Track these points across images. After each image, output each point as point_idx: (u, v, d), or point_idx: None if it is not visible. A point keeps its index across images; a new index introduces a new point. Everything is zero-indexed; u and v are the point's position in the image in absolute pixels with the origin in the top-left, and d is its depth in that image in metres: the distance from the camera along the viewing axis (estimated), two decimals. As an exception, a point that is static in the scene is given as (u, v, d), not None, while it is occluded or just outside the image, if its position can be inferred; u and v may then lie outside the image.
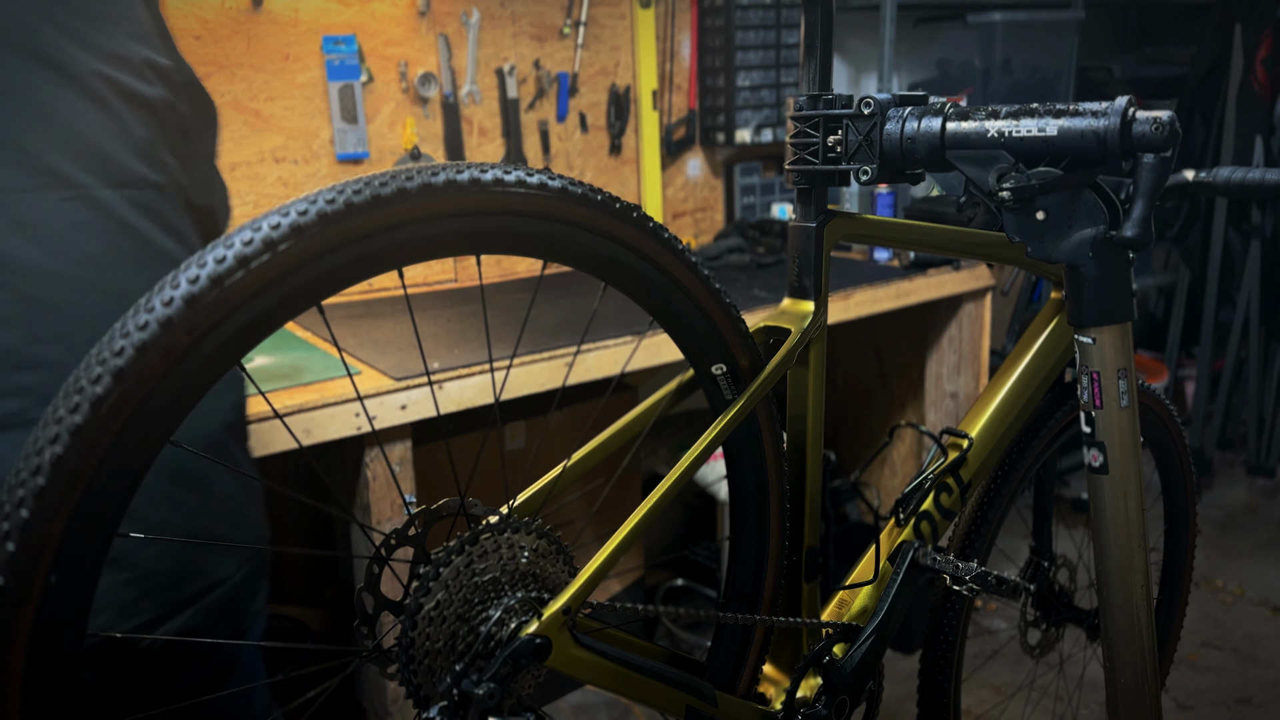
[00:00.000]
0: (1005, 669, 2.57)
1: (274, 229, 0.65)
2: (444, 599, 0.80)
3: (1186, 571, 1.69)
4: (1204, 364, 3.75)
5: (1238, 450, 3.83)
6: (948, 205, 2.63)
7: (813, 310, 1.04)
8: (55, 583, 0.59)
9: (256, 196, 2.25)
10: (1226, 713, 2.45)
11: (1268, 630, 2.79)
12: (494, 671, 0.80)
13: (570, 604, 0.84)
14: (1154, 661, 1.19)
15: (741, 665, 1.09)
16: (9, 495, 0.59)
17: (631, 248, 0.87)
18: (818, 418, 1.08)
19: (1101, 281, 1.04)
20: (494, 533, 0.83)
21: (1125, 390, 1.08)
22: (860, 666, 1.12)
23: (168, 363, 0.61)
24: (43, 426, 0.60)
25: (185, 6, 2.09)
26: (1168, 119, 0.91)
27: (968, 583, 1.16)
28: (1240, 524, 3.40)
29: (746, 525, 1.07)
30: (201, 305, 0.62)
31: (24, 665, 0.59)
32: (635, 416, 1.00)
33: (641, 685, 0.94)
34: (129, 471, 0.61)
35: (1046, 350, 1.30)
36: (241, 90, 2.19)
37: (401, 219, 0.71)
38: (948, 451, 1.24)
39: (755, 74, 2.89)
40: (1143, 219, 0.94)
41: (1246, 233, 3.61)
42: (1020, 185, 0.95)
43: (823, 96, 1.01)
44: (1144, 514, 1.14)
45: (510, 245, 0.80)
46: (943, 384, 2.74)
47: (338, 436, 1.68)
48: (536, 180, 0.78)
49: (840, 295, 2.30)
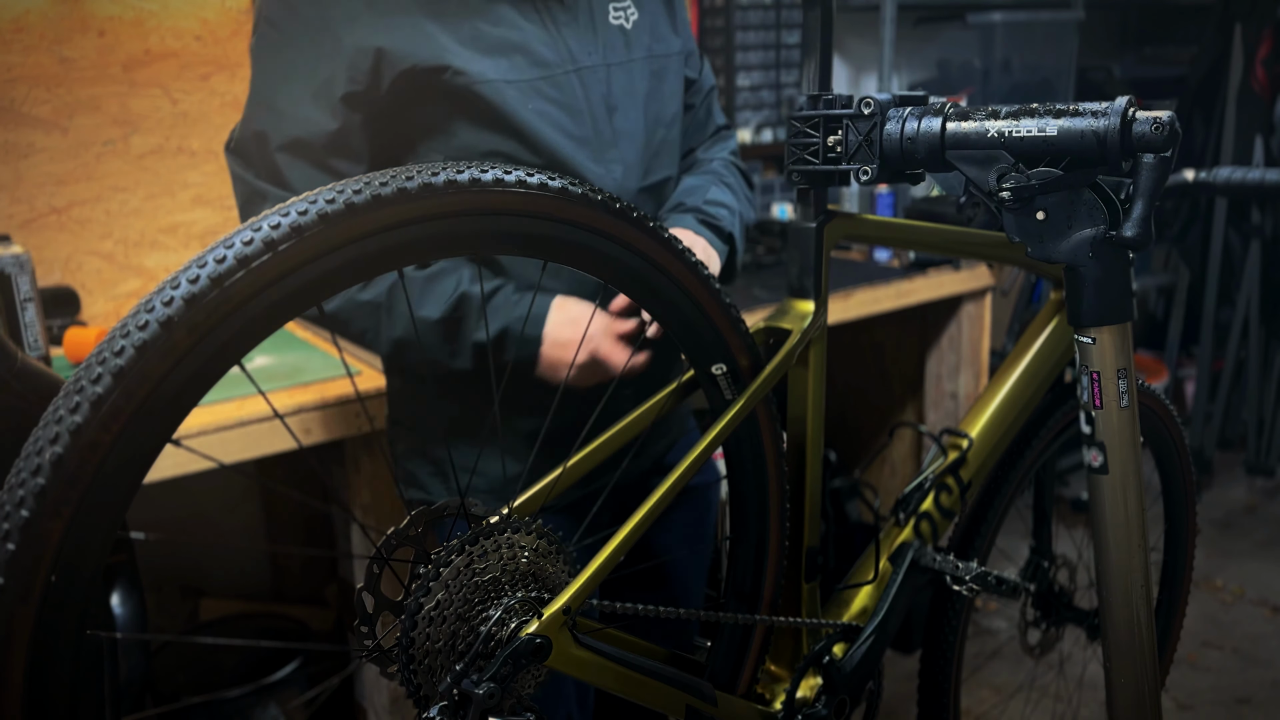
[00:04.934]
0: (1005, 669, 2.57)
1: (274, 229, 0.65)
2: (444, 599, 0.80)
3: (1186, 571, 1.69)
4: (1204, 364, 3.75)
5: (1238, 450, 3.83)
6: (948, 205, 2.63)
7: (813, 310, 1.04)
8: (55, 582, 0.59)
9: (256, 196, 2.25)
10: (1226, 713, 2.45)
11: (1268, 630, 2.79)
12: (494, 671, 0.80)
13: (570, 604, 0.84)
14: (1154, 661, 1.19)
15: (741, 665, 1.09)
16: (9, 495, 0.59)
17: (631, 248, 0.87)
18: (818, 418, 1.08)
19: (1101, 281, 1.03)
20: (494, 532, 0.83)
21: (1125, 390, 1.08)
22: (860, 666, 1.12)
23: (168, 362, 0.61)
24: (43, 426, 0.60)
25: (185, 6, 2.09)
26: (1168, 119, 0.91)
27: (967, 583, 1.16)
28: (1240, 524, 3.40)
29: (746, 525, 1.07)
30: (202, 305, 0.62)
31: (25, 665, 0.59)
32: (635, 417, 1.00)
33: (642, 685, 0.94)
34: (129, 471, 0.61)
35: (1046, 350, 1.30)
36: (242, 90, 2.19)
37: (401, 219, 0.71)
38: (948, 451, 1.24)
39: (755, 74, 2.89)
40: (1143, 219, 0.94)
41: (1246, 233, 3.60)
42: (1020, 185, 0.95)
43: (823, 96, 1.01)
44: (1144, 514, 1.14)
45: (510, 245, 0.80)
46: (943, 384, 2.74)
47: (338, 436, 1.68)
48: (536, 180, 0.78)
49: (840, 295, 2.30)
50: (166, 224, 2.15)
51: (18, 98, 1.96)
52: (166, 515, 2.18)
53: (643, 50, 1.26)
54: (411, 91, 1.13)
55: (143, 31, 2.06)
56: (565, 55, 1.18)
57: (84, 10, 1.99)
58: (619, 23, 1.25)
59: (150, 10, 2.06)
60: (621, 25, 1.25)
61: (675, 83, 1.32)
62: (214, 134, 2.17)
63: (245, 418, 1.60)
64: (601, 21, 1.23)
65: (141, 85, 2.07)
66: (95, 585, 0.62)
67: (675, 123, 1.32)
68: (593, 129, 1.19)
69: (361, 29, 1.10)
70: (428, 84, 1.12)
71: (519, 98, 1.14)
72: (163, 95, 2.10)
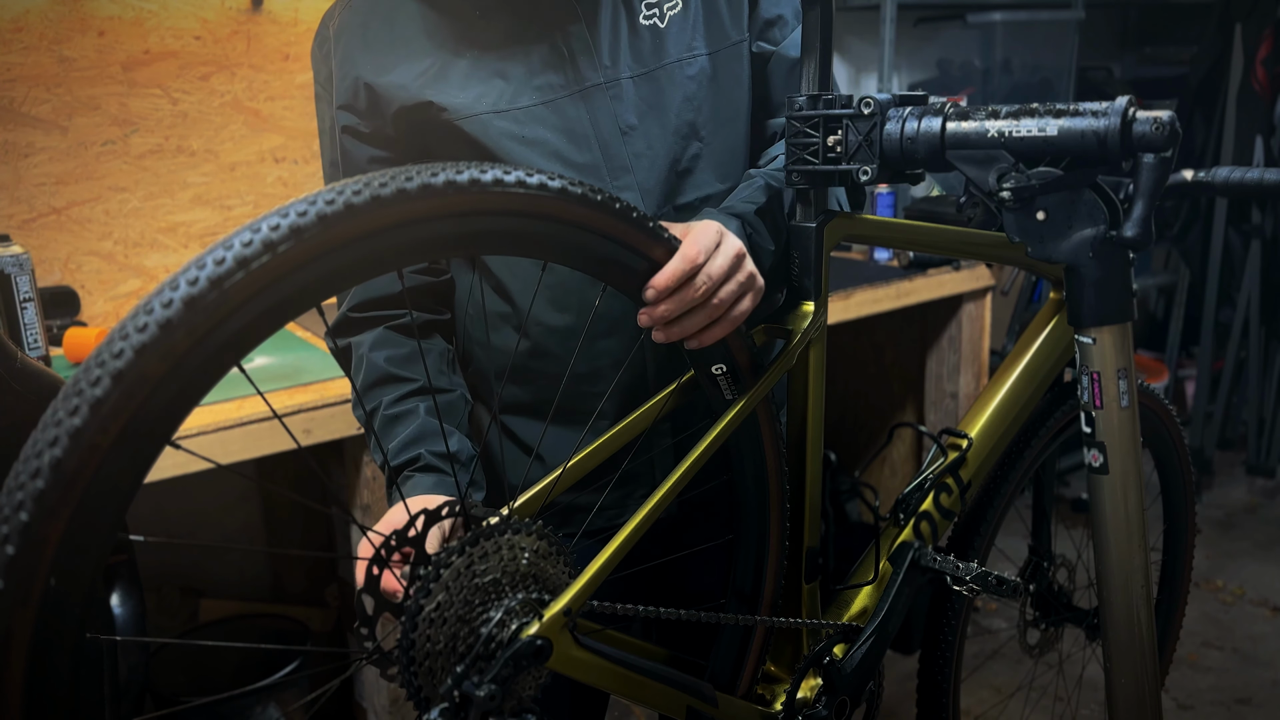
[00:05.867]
0: (1004, 669, 2.57)
1: (273, 230, 0.65)
2: (444, 600, 0.80)
3: (1186, 571, 1.69)
4: (1204, 364, 3.75)
5: (1238, 450, 3.83)
6: (948, 205, 2.63)
7: (813, 310, 1.04)
8: (55, 586, 0.59)
9: (256, 196, 2.25)
10: (1226, 713, 2.45)
11: (1268, 630, 2.79)
12: (495, 673, 0.80)
13: (571, 605, 0.84)
14: (1154, 661, 1.19)
15: (742, 666, 1.09)
16: (9, 498, 0.58)
17: (631, 248, 0.87)
18: (818, 418, 1.08)
19: (1101, 281, 1.04)
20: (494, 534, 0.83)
21: (1125, 390, 1.08)
22: (860, 667, 1.12)
23: (167, 365, 0.61)
24: (42, 429, 0.59)
25: (185, 6, 2.09)
26: (1168, 119, 0.91)
27: (967, 583, 1.16)
28: (1240, 524, 3.40)
29: (747, 526, 1.07)
30: (201, 307, 0.62)
31: (24, 667, 0.59)
32: (636, 417, 1.00)
33: (642, 686, 0.94)
34: (129, 474, 0.61)
35: (1046, 350, 1.30)
36: (241, 90, 2.19)
37: (401, 220, 0.71)
38: (947, 451, 1.24)
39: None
40: (1143, 219, 0.94)
41: (1246, 233, 3.60)
42: (1020, 185, 0.95)
43: (823, 97, 1.01)
44: (1144, 514, 1.14)
45: (510, 246, 0.80)
46: (943, 384, 2.74)
47: (338, 436, 1.68)
48: (536, 181, 0.78)
49: (840, 295, 2.30)
50: (166, 224, 2.15)
51: (18, 98, 1.95)
52: (166, 515, 2.18)
53: (681, 50, 1.12)
54: (417, 128, 1.10)
55: (142, 31, 2.05)
56: (570, 75, 1.09)
57: (84, 10, 1.99)
58: (651, 22, 1.12)
59: (150, 10, 2.06)
60: (654, 25, 1.12)
61: (732, 78, 1.16)
62: (213, 134, 2.17)
63: (245, 418, 1.60)
64: (628, 24, 1.11)
65: (141, 85, 2.07)
66: (95, 588, 0.62)
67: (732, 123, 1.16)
68: (601, 155, 1.09)
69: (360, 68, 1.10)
70: (424, 120, 1.09)
71: (511, 128, 1.08)
72: (162, 95, 2.10)
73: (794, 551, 1.10)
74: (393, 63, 1.09)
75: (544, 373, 1.15)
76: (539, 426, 1.18)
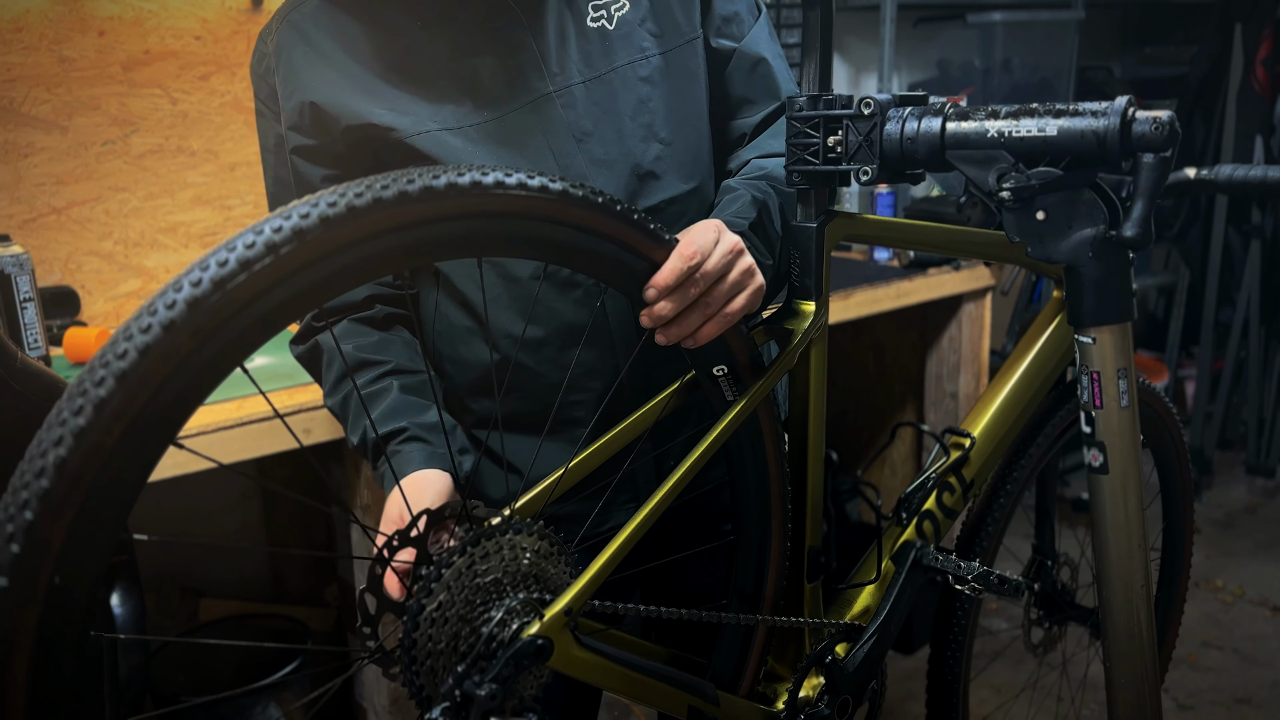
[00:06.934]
0: (1005, 669, 2.57)
1: (276, 232, 0.66)
2: (446, 600, 0.80)
3: (1184, 570, 1.69)
4: (1204, 364, 3.75)
5: (1238, 450, 3.83)
6: (948, 205, 2.63)
7: (813, 310, 1.05)
8: (59, 584, 0.59)
9: (257, 196, 2.25)
10: (1226, 713, 2.45)
11: (1268, 630, 2.79)
12: (496, 672, 0.80)
13: (572, 605, 0.84)
14: (1154, 660, 1.19)
15: (744, 665, 1.09)
16: (13, 497, 0.59)
17: (633, 250, 0.87)
18: (819, 418, 1.08)
19: (1101, 281, 1.04)
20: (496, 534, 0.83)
21: (1125, 390, 1.08)
22: (863, 666, 1.12)
23: (170, 365, 0.61)
24: (47, 429, 0.60)
25: (185, 6, 2.09)
26: (1167, 119, 0.91)
27: (970, 582, 1.16)
28: (1240, 524, 3.40)
29: (748, 525, 1.07)
30: (204, 308, 0.62)
31: (28, 665, 0.59)
32: (637, 418, 1.00)
33: (644, 685, 0.94)
34: (133, 473, 0.62)
35: (1048, 350, 1.30)
36: (241, 90, 2.19)
37: (403, 222, 0.71)
38: (950, 451, 1.24)
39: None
40: (1143, 219, 0.94)
41: (1246, 232, 3.61)
42: (1020, 185, 0.95)
43: (823, 97, 1.01)
44: (1144, 514, 1.14)
45: (511, 248, 0.80)
46: (943, 384, 2.74)
47: (338, 436, 1.68)
48: (537, 183, 0.78)
49: (840, 295, 2.30)
50: (166, 224, 2.15)
51: (18, 98, 1.96)
52: (166, 515, 2.18)
53: (632, 52, 1.09)
54: (367, 145, 1.07)
55: (142, 31, 2.06)
56: (519, 87, 1.06)
57: (84, 10, 1.99)
58: (599, 24, 1.09)
59: (150, 10, 2.06)
60: (603, 27, 1.09)
61: (687, 76, 1.13)
62: (214, 134, 2.17)
63: (246, 417, 1.60)
64: (576, 29, 1.08)
65: (141, 85, 2.07)
66: (98, 586, 0.62)
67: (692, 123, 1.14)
68: (556, 165, 1.07)
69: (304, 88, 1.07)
70: (373, 138, 1.06)
71: (464, 145, 1.05)
72: (162, 95, 2.10)
73: (796, 551, 1.11)
74: (336, 81, 1.06)
75: (518, 385, 1.13)
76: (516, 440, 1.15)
